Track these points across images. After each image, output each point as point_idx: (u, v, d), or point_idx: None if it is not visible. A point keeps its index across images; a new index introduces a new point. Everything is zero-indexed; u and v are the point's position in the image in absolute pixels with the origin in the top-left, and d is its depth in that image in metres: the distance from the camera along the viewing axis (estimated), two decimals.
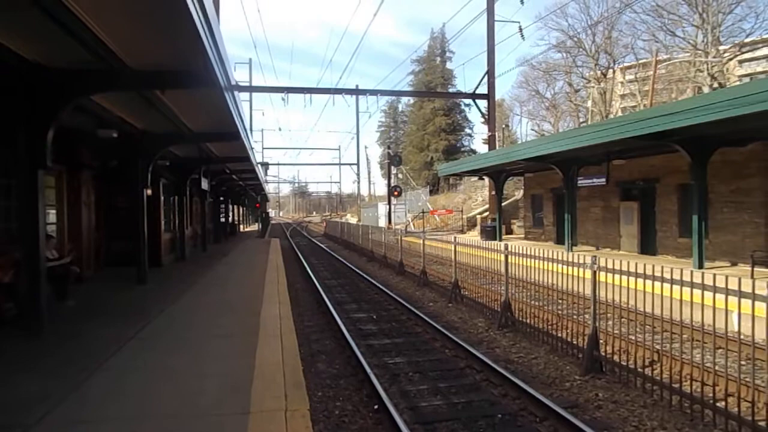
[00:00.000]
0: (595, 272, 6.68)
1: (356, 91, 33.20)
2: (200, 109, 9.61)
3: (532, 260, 8.57)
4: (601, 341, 6.83)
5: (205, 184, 18.05)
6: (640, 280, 6.18)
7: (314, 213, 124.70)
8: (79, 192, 11.71)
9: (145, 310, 8.77)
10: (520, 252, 8.85)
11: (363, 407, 5.80)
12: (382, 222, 38.76)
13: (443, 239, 17.55)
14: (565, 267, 7.84)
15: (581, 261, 7.24)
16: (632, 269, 6.22)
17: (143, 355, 6.16)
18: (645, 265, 6.32)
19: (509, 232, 29.32)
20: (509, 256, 9.16)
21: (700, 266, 12.94)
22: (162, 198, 15.29)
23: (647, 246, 17.28)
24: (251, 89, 37.19)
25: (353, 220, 48.86)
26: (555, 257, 7.94)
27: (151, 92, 8.12)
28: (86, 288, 10.72)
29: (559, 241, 21.55)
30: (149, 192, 12.20)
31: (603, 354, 6.71)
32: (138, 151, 11.49)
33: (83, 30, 5.40)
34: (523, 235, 26.63)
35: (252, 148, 17.31)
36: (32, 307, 6.66)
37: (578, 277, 7.60)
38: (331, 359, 7.66)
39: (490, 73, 29.42)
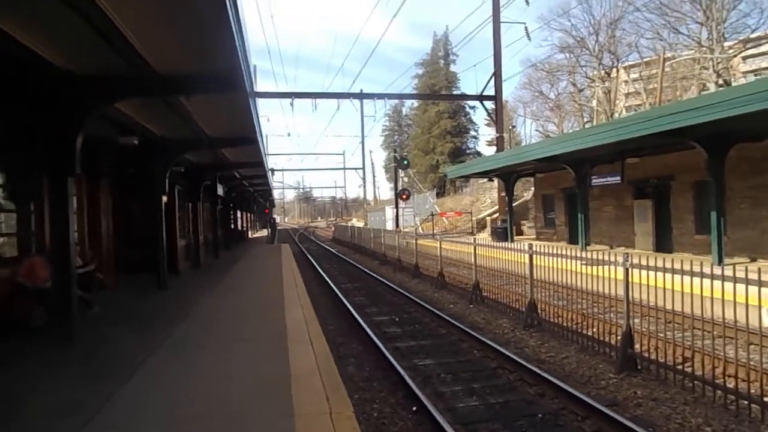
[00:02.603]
0: (627, 270, 6.63)
1: (363, 95, 33.14)
2: (220, 114, 9.64)
3: (560, 259, 8.51)
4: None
5: (220, 190, 18.08)
6: (665, 277, 6.13)
7: (319, 218, 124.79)
8: (98, 200, 11.73)
9: (170, 316, 8.79)
10: (546, 251, 8.80)
11: (401, 409, 5.76)
12: (390, 225, 38.75)
13: (459, 241, 17.48)
14: (585, 266, 7.80)
15: (612, 259, 7.18)
16: (668, 266, 6.15)
17: (175, 360, 6.17)
18: (673, 260, 6.28)
19: (519, 233, 29.21)
20: (534, 256, 9.11)
21: (720, 262, 12.85)
22: (177, 204, 15.32)
23: (662, 244, 17.19)
24: (260, 95, 37.24)
25: (359, 225, 48.83)
26: (583, 256, 7.89)
27: (174, 98, 8.13)
28: (108, 295, 10.73)
29: (572, 240, 21.45)
30: (166, 199, 12.23)
31: (638, 351, 6.65)
32: (156, 157, 11.53)
33: (117, 35, 5.41)
34: (534, 236, 26.54)
35: (266, 153, 17.33)
36: (64, 313, 6.66)
37: (601, 276, 7.58)
38: (360, 362, 7.63)
39: (497, 75, 29.39)
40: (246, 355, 6.34)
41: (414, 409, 5.65)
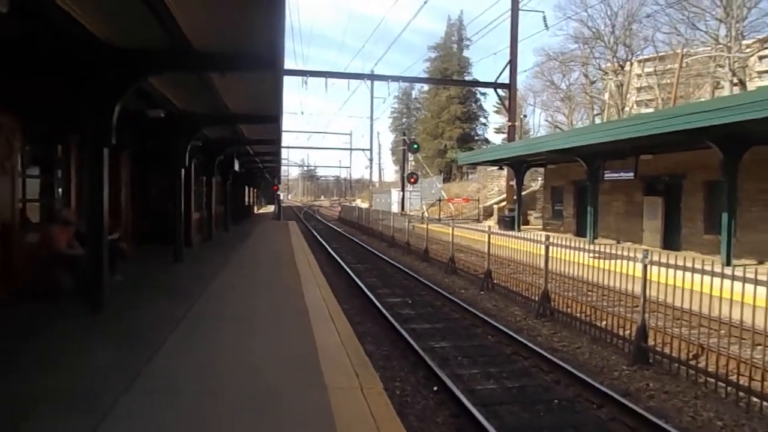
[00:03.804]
0: (646, 266, 6.80)
1: (375, 77, 32.96)
2: (247, 90, 9.71)
3: (574, 252, 8.67)
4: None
5: (236, 165, 18.21)
6: (677, 274, 6.31)
7: (322, 197, 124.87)
8: (120, 171, 11.88)
9: (189, 287, 8.94)
10: (563, 243, 8.96)
11: (422, 388, 5.98)
12: (395, 208, 38.88)
13: (473, 228, 17.64)
14: (598, 260, 7.97)
15: (630, 255, 7.35)
16: (688, 264, 6.32)
17: (202, 331, 6.26)
18: (693, 260, 6.46)
19: (526, 222, 29.35)
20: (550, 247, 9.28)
21: (729, 263, 13.00)
22: (193, 178, 15.45)
23: (671, 241, 17.32)
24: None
25: (363, 205, 48.96)
26: (600, 250, 8.06)
27: (207, 74, 8.22)
28: (127, 265, 10.92)
29: (580, 233, 21.60)
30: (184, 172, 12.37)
31: (651, 345, 6.85)
32: (178, 130, 11.64)
33: (163, 7, 5.47)
34: (541, 227, 26.68)
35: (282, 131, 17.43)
36: (95, 281, 6.84)
37: (612, 270, 7.77)
38: (377, 341, 7.85)
39: (513, 64, 29.28)
40: (271, 329, 6.50)
41: (435, 388, 5.87)
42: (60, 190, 9.47)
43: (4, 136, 6.83)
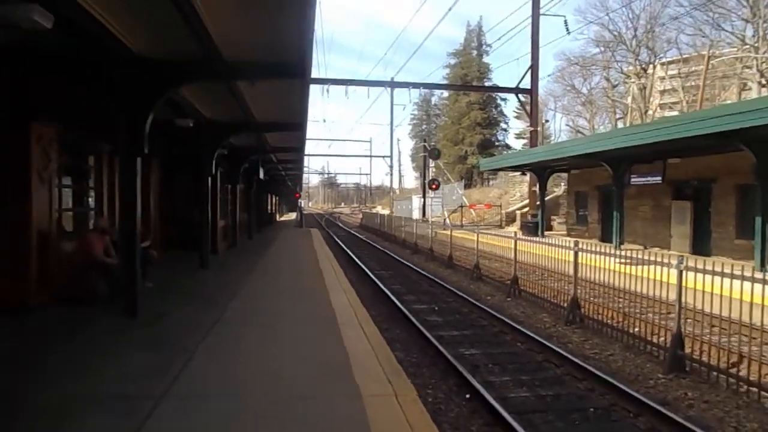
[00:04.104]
0: (681, 272, 6.66)
1: (395, 84, 33.04)
2: (274, 99, 9.82)
3: (604, 258, 8.55)
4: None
5: (261, 173, 18.39)
6: (714, 280, 6.16)
7: (342, 204, 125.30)
8: (149, 179, 12.07)
9: (218, 294, 9.03)
10: (593, 249, 8.84)
11: (454, 395, 5.94)
12: (416, 215, 38.80)
13: (499, 235, 17.51)
14: (628, 266, 7.85)
15: (665, 261, 7.22)
16: (726, 270, 6.17)
17: (233, 337, 6.30)
18: (732, 265, 6.32)
19: (549, 228, 29.02)
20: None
21: (762, 267, 12.67)
22: (219, 186, 15.65)
23: (700, 246, 16.96)
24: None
25: (384, 212, 48.99)
26: (633, 256, 7.93)
27: (235, 83, 8.34)
28: (155, 271, 11.08)
29: (605, 238, 21.27)
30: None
31: (688, 353, 6.69)
32: (205, 139, 11.81)
33: (196, 17, 5.55)
34: (564, 232, 26.36)
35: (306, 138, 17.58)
36: (129, 287, 6.95)
37: (642, 276, 7.64)
38: (407, 348, 7.82)
39: (534, 68, 29.11)
40: (301, 336, 6.50)
41: (467, 396, 5.82)
42: (91, 199, 9.69)
43: (41, 147, 7.01)
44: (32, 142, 6.86)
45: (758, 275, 5.99)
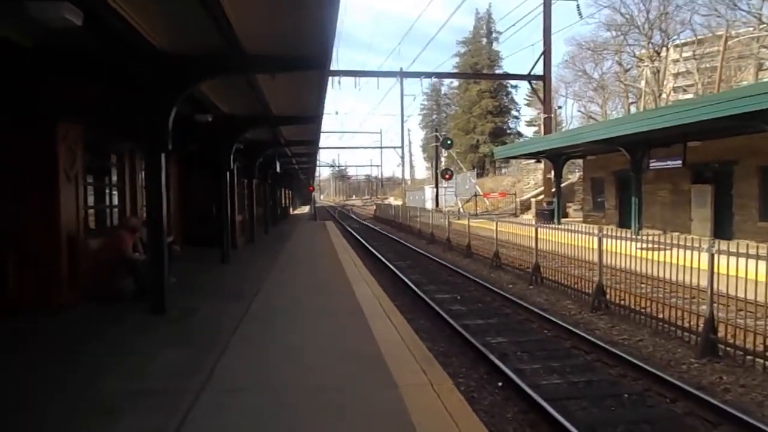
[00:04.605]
0: (713, 255, 6.57)
1: (405, 74, 32.89)
2: (292, 91, 9.78)
3: (626, 243, 8.46)
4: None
5: (278, 167, 18.42)
6: (747, 263, 6.06)
7: (354, 196, 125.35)
8: (169, 175, 12.13)
9: (242, 288, 9.05)
10: (617, 235, 8.75)
11: (486, 384, 5.93)
12: (429, 205, 38.75)
13: (518, 222, 17.39)
14: (655, 251, 7.75)
15: (693, 245, 7.12)
16: (761, 253, 6.08)
17: (263, 332, 6.29)
18: (757, 247, 6.22)
19: (565, 215, 28.84)
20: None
21: None
22: (236, 181, 15.72)
23: (722, 230, 16.73)
24: None
25: (396, 203, 48.96)
26: (661, 241, 7.85)
27: (254, 77, 8.32)
28: (177, 267, 11.16)
29: (623, 224, 21.08)
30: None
31: (721, 337, 6.61)
32: (223, 134, 11.82)
33: (220, 11, 5.53)
34: (581, 219, 26.17)
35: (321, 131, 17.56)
36: (157, 284, 7.00)
37: (666, 262, 7.57)
38: (433, 338, 7.81)
39: (547, 54, 28.81)
40: (330, 328, 6.50)
41: (500, 384, 5.80)
42: (115, 196, 9.77)
43: (67, 146, 7.06)
44: (58, 140, 6.91)
45: None
